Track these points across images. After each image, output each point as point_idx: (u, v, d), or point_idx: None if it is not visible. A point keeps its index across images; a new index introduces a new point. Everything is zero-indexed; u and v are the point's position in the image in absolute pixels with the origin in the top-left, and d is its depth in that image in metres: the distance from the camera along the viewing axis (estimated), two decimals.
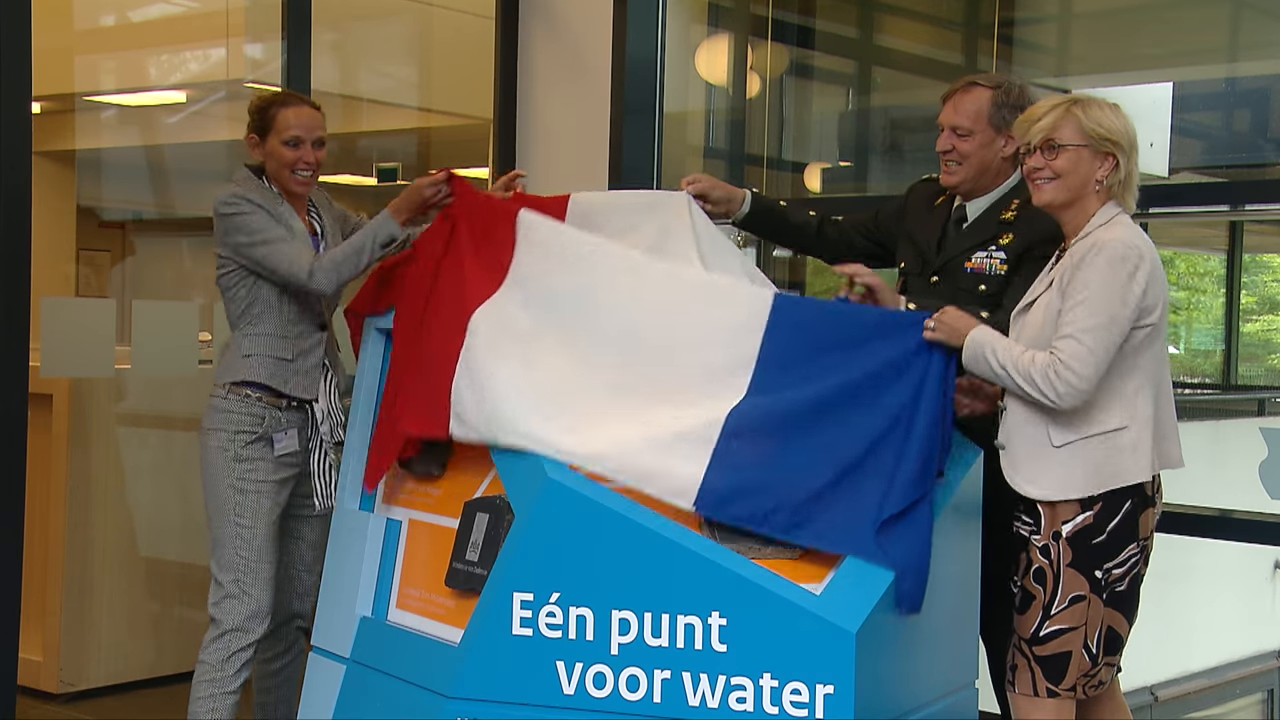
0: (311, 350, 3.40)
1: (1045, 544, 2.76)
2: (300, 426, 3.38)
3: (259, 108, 3.38)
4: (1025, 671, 2.80)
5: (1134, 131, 2.82)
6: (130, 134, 6.53)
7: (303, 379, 3.37)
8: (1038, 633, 2.77)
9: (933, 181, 3.41)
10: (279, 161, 3.33)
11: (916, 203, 3.44)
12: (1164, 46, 5.35)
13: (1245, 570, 6.52)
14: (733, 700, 2.57)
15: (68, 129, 6.26)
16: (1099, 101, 2.83)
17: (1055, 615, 2.75)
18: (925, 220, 3.38)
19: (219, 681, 3.30)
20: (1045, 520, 2.76)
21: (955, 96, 3.27)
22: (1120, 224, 2.78)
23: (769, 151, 5.21)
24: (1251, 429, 3.30)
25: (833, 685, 2.53)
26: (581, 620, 2.65)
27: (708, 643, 2.58)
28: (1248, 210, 5.81)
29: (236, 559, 3.31)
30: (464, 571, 2.81)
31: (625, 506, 2.66)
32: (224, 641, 3.30)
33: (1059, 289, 2.74)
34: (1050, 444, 2.74)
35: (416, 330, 3.07)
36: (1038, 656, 2.77)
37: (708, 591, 2.58)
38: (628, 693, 2.62)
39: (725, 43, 4.96)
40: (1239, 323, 8.87)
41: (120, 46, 5.93)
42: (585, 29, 4.57)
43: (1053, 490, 2.75)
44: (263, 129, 3.35)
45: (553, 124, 4.66)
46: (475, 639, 2.70)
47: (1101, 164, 2.79)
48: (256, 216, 3.26)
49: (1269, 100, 6.14)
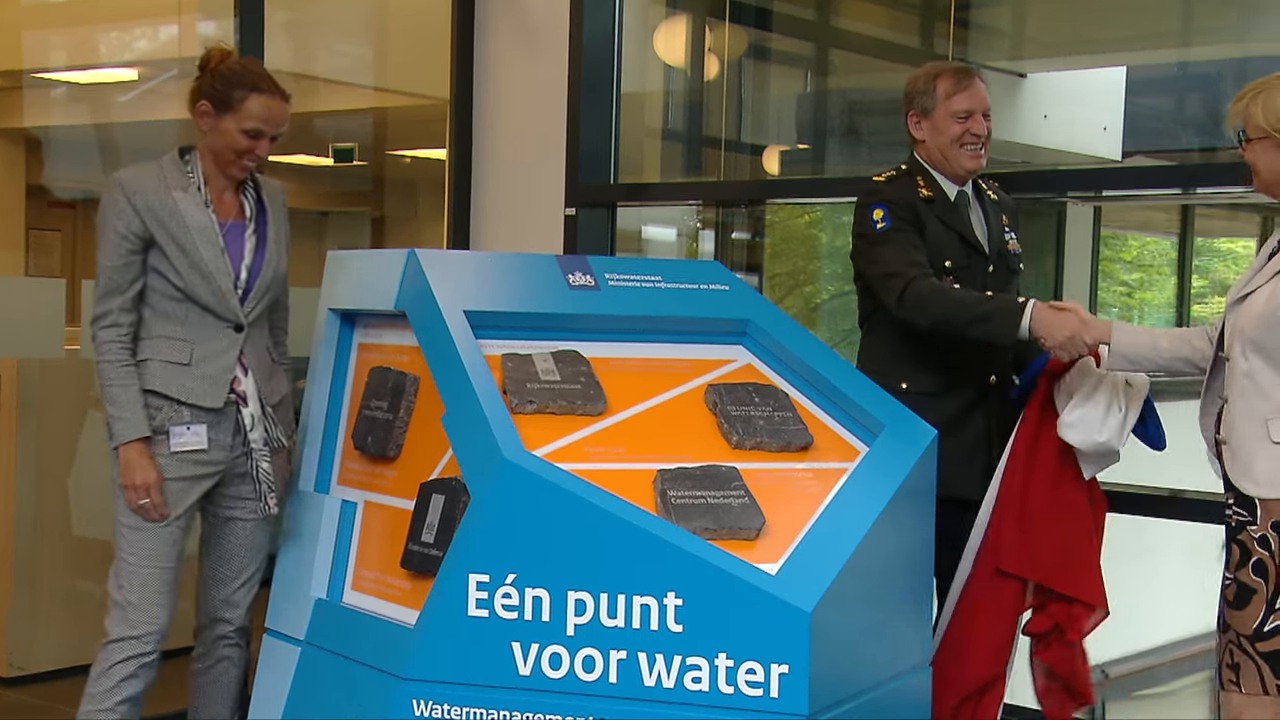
0: (217, 356, 3.11)
1: (1264, 534, 2.65)
2: (221, 426, 3.11)
3: (227, 78, 3.09)
4: (1251, 670, 2.65)
5: None
6: (81, 112, 6.46)
7: (205, 385, 3.09)
8: (1261, 628, 2.63)
9: (898, 179, 3.38)
10: (229, 145, 3.09)
11: (913, 199, 3.34)
12: (1118, 30, 5.40)
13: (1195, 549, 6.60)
14: (688, 680, 2.58)
15: (16, 106, 6.21)
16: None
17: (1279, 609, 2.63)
18: (941, 212, 3.34)
19: (96, 696, 3.04)
20: (1263, 513, 2.65)
21: (974, 83, 3.30)
22: None
23: (727, 134, 5.20)
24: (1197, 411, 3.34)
25: (788, 665, 2.54)
26: (537, 601, 2.65)
27: (663, 623, 2.59)
28: (1199, 194, 5.86)
29: (123, 565, 3.06)
30: (419, 553, 2.82)
31: (581, 488, 2.66)
32: (105, 652, 3.05)
33: None
34: (1270, 439, 2.65)
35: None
36: (1262, 653, 2.63)
37: (663, 572, 2.58)
38: (584, 673, 2.63)
39: (683, 24, 4.96)
40: (1189, 307, 8.97)
41: (70, 23, 5.87)
42: (542, 8, 4.56)
43: (1269, 486, 2.64)
44: (223, 104, 3.08)
45: (509, 104, 4.64)
46: (430, 621, 2.70)
47: None
48: (108, 239, 3.02)
49: (1220, 84, 6.19)
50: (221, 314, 3.09)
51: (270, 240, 3.20)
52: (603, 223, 4.55)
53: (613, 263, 3.29)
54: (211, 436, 3.11)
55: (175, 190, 3.08)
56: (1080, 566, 3.12)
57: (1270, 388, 2.64)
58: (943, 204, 3.32)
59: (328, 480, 3.18)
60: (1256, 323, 2.65)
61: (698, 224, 4.99)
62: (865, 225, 3.33)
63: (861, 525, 2.74)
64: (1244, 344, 2.67)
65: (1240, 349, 2.68)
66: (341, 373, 3.26)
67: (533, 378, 2.98)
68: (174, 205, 3.06)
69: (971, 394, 3.36)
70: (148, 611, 3.05)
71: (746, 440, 2.96)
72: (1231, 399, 2.70)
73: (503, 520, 2.66)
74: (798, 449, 2.99)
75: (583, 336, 3.11)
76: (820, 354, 3.21)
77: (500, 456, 2.67)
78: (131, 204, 3.04)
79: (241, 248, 3.15)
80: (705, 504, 2.76)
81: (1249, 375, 2.67)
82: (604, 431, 2.93)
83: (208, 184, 3.13)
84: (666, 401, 3.07)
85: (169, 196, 3.06)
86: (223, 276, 3.08)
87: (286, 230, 3.29)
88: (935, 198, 3.32)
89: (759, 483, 2.85)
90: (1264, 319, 2.64)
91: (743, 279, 3.45)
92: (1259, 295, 2.68)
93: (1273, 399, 2.64)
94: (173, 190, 3.08)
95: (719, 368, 3.20)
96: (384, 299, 3.08)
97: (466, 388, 2.81)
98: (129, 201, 3.04)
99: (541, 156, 4.54)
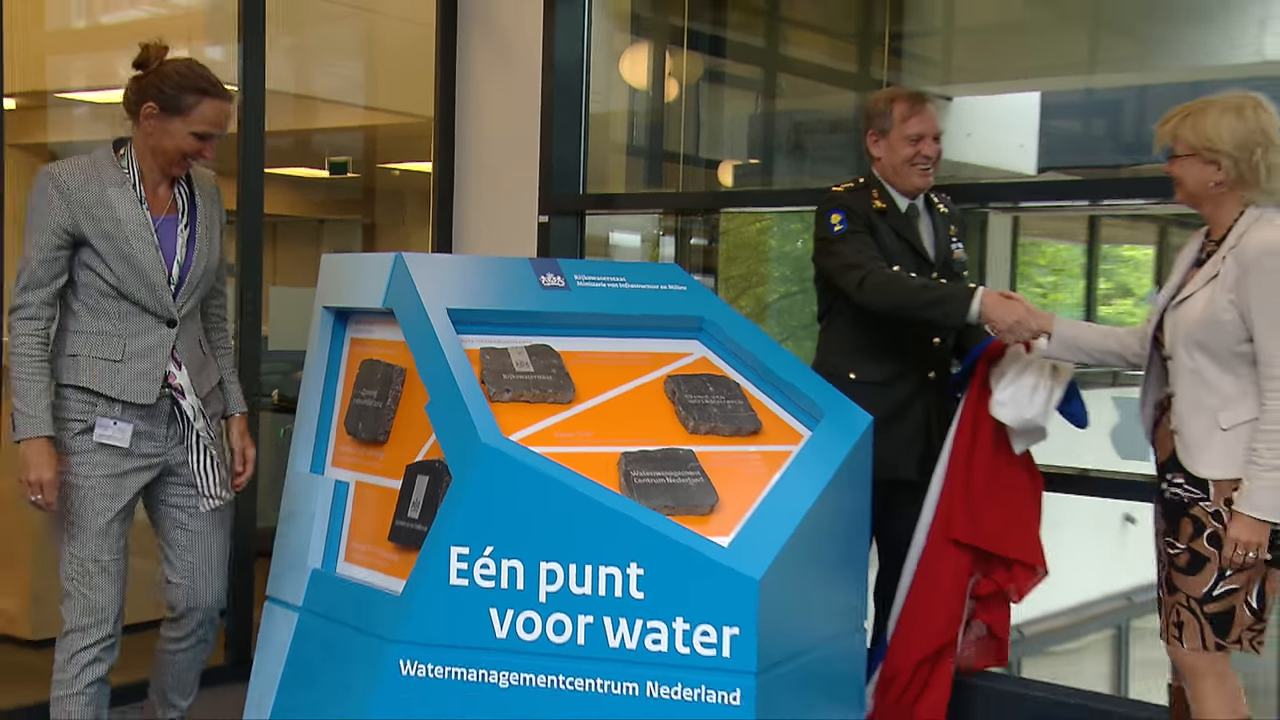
0: (150, 352, 2.87)
1: (1217, 509, 2.65)
2: (155, 420, 2.90)
3: (176, 82, 2.81)
4: (1194, 627, 2.67)
5: (1262, 134, 2.65)
6: (99, 128, 6.39)
7: (138, 382, 2.85)
8: (1211, 592, 2.64)
9: (854, 190, 3.37)
10: (178, 148, 2.82)
11: (866, 209, 3.34)
12: (1033, 60, 5.42)
13: (1100, 522, 6.66)
14: (649, 642, 2.58)
15: (41, 123, 6.14)
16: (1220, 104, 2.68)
17: (1230, 576, 2.63)
18: (892, 223, 3.33)
19: (63, 683, 2.88)
20: (1215, 491, 2.65)
21: (926, 109, 3.29)
22: (1266, 223, 2.65)
23: (685, 149, 5.19)
24: (1106, 398, 3.36)
25: (738, 627, 2.55)
26: (512, 571, 2.64)
27: (626, 591, 2.59)
28: (1104, 205, 5.90)
29: (69, 555, 2.86)
30: (406, 528, 2.80)
31: (552, 469, 2.65)
32: (65, 641, 2.89)
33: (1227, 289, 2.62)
34: (1218, 427, 2.64)
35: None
36: (1209, 614, 2.65)
37: (627, 545, 2.58)
38: (554, 636, 2.62)
39: (646, 50, 4.94)
40: (1096, 307, 9.03)
41: (89, 48, 5.80)
42: (518, 35, 4.54)
43: (1220, 469, 2.63)
44: (174, 108, 2.81)
45: (488, 122, 4.62)
46: (416, 589, 2.68)
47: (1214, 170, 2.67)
48: (37, 231, 2.76)
49: (1122, 109, 6.26)
50: (154, 309, 2.87)
51: (200, 234, 2.95)
52: (573, 229, 4.54)
53: (581, 265, 3.28)
54: (145, 430, 2.89)
55: (110, 186, 2.83)
56: (1021, 532, 3.14)
57: (1217, 382, 2.64)
58: (894, 215, 3.33)
59: (323, 462, 3.15)
60: (1198, 326, 2.65)
61: (659, 231, 4.98)
62: (824, 229, 3.34)
63: (805, 502, 2.74)
64: (1188, 345, 2.67)
65: (1185, 349, 2.68)
66: (335, 365, 3.22)
67: (508, 369, 2.96)
68: (109, 200, 2.81)
69: (914, 386, 3.37)
70: (98, 602, 2.89)
71: (702, 426, 2.95)
72: (1179, 393, 2.70)
73: (481, 498, 2.65)
74: (748, 433, 2.98)
75: (554, 332, 3.09)
76: (769, 348, 3.21)
77: (479, 441, 2.66)
78: (64, 198, 2.79)
79: (174, 243, 2.91)
80: (664, 483, 2.76)
81: (1196, 372, 2.66)
82: (573, 418, 2.92)
83: (143, 180, 2.88)
84: (630, 391, 3.06)
85: (104, 192, 2.81)
86: (156, 272, 2.85)
87: (221, 218, 3.06)
88: (888, 209, 3.33)
89: (713, 464, 2.85)
90: (1205, 322, 2.64)
91: (699, 280, 3.45)
92: (1196, 300, 2.68)
93: (1220, 392, 2.64)
94: (107, 186, 2.82)
95: (677, 360, 3.20)
96: (374, 298, 3.04)
97: (448, 378, 2.79)
98: (61, 196, 2.78)
99: (517, 169, 4.52)
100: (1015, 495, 3.20)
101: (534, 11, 4.48)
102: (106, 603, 2.90)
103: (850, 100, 5.54)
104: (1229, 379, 2.63)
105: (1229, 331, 2.61)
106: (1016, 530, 3.15)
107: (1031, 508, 3.23)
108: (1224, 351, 2.62)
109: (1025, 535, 3.15)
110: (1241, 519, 2.57)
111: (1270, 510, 2.56)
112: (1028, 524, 3.18)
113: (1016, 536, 3.13)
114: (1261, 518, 2.55)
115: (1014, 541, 3.13)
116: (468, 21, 4.65)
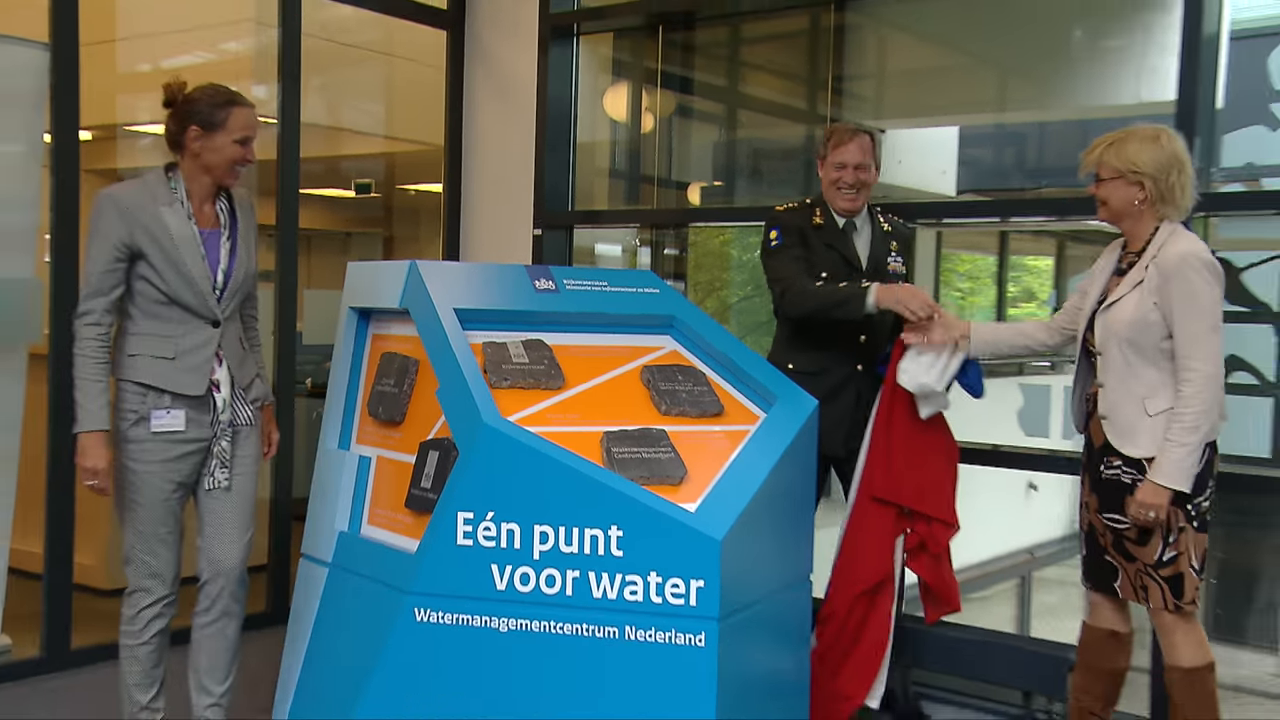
0: (198, 349, 2.85)
1: None
2: (201, 409, 2.87)
3: (207, 102, 2.77)
4: (1156, 590, 2.64)
5: (1173, 159, 2.64)
6: (159, 156, 6.30)
7: (188, 376, 2.83)
8: (1161, 558, 2.61)
9: (795, 210, 3.35)
10: (227, 159, 2.79)
11: (802, 223, 3.31)
12: (952, 99, 5.43)
13: (1008, 489, 6.70)
14: (627, 593, 2.57)
15: (111, 152, 6.09)
16: (1139, 134, 2.66)
17: (1172, 542, 2.60)
18: (827, 237, 3.29)
19: (131, 634, 2.90)
20: (1149, 471, 2.61)
21: (855, 140, 3.22)
22: (1179, 237, 2.63)
23: (659, 173, 5.17)
24: (1013, 385, 3.36)
25: (703, 580, 2.54)
26: (510, 533, 2.62)
27: (608, 549, 2.58)
28: (1012, 222, 5.91)
29: (133, 527, 2.83)
30: (419, 496, 2.78)
31: (544, 445, 2.64)
32: (131, 600, 2.89)
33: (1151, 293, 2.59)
34: (1146, 414, 2.61)
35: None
36: (1164, 577, 2.62)
37: (608, 510, 2.57)
38: (546, 588, 2.61)
39: (625, 88, 4.91)
40: (1006, 309, 9.06)
41: (154, 87, 5.72)
42: (516, 76, 4.51)
43: (1149, 449, 2.60)
44: (213, 124, 2.77)
45: (490, 150, 4.59)
46: (428, 548, 2.67)
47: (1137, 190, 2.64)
48: (98, 246, 2.71)
49: (1027, 141, 6.31)
50: (201, 313, 2.85)
51: (240, 245, 2.94)
52: (562, 241, 4.51)
53: (570, 271, 3.26)
54: (193, 418, 2.86)
55: (162, 205, 2.80)
56: (935, 491, 3.11)
57: (1144, 373, 2.63)
58: (830, 229, 3.32)
59: (349, 440, 3.12)
60: (1129, 326, 2.62)
61: (636, 242, 4.95)
62: (764, 243, 3.34)
63: (760, 474, 2.74)
64: (1120, 343, 2.64)
65: (1116, 347, 2.65)
66: (359, 356, 3.20)
67: (507, 360, 2.94)
68: (161, 218, 2.78)
69: (842, 376, 3.36)
70: (159, 567, 2.88)
71: (672, 409, 2.94)
72: (1110, 384, 2.67)
73: (484, 470, 2.63)
74: (712, 415, 2.97)
75: (546, 328, 3.07)
76: (730, 343, 3.20)
77: (482, 421, 2.64)
78: (122, 217, 2.76)
79: (219, 253, 2.89)
80: (640, 458, 2.75)
81: (1126, 366, 2.64)
82: (562, 402, 2.90)
83: (190, 198, 2.86)
84: (611, 379, 3.04)
85: (157, 210, 2.79)
86: (203, 280, 2.84)
87: (254, 231, 3.02)
88: (825, 225, 3.32)
89: (682, 441, 2.84)
90: (1135, 323, 2.61)
91: (671, 285, 3.43)
92: (1126, 304, 2.65)
93: (1146, 382, 2.62)
94: (160, 205, 2.80)
95: (651, 353, 3.18)
96: (392, 299, 3.02)
97: (455, 368, 2.77)
98: (119, 214, 2.75)
99: (515, 189, 4.49)
100: (932, 460, 3.17)
101: (529, 56, 4.46)
102: (165, 567, 2.90)
103: (800, 132, 5.54)
104: (1153, 371, 2.61)
105: (1154, 330, 2.60)
106: (932, 490, 3.12)
107: (946, 471, 3.20)
108: (1150, 348, 2.60)
109: (939, 495, 3.12)
110: (1147, 484, 2.57)
111: (1170, 478, 2.55)
112: (942, 485, 3.15)
113: (932, 496, 3.10)
114: (1162, 483, 2.54)
115: (930, 500, 3.11)
116: (473, 64, 4.63)
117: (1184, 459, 2.54)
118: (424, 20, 4.53)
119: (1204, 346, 2.54)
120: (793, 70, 5.33)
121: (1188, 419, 2.54)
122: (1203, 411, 2.53)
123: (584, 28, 4.52)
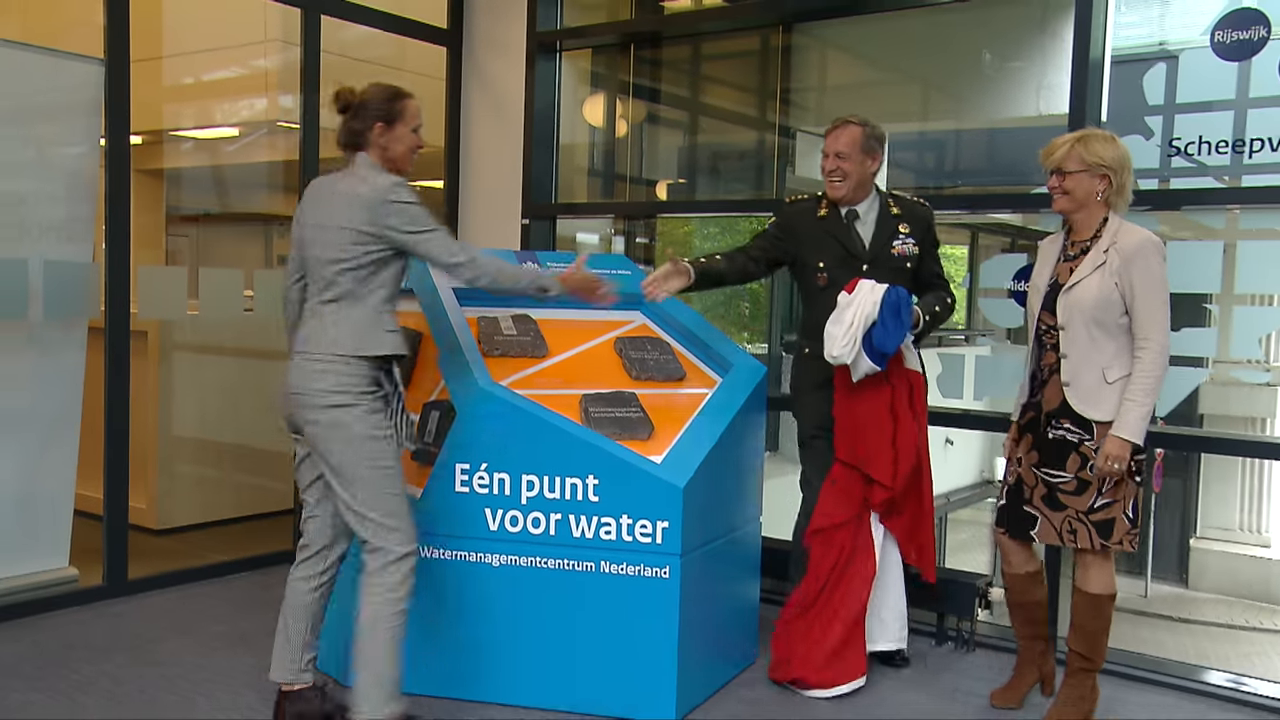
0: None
1: (1098, 445, 2.54)
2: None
3: (381, 99, 2.46)
4: (1085, 533, 2.58)
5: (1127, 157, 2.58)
6: (201, 157, 6.23)
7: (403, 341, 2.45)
8: (1093, 505, 2.56)
9: (801, 202, 3.06)
10: (406, 145, 2.46)
11: (801, 219, 3.02)
12: (883, 108, 5.39)
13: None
14: (602, 533, 2.55)
15: (158, 154, 6.00)
16: (1099, 135, 2.59)
17: (1105, 493, 2.55)
18: (830, 226, 2.99)
19: (394, 601, 2.35)
20: (1098, 431, 2.55)
21: (835, 131, 2.93)
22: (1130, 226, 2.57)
23: (631, 172, 5.10)
24: (932, 355, 3.31)
25: (668, 521, 2.53)
26: (502, 481, 2.59)
27: (585, 495, 2.55)
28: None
29: (387, 496, 2.35)
30: (423, 450, 2.73)
31: (531, 406, 2.60)
32: (399, 564, 2.35)
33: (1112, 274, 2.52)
34: (1105, 381, 2.54)
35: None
36: (1094, 522, 2.57)
37: (585, 461, 2.54)
38: (533, 529, 2.58)
39: (602, 98, 4.83)
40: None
41: (195, 98, 5.66)
42: (507, 87, 4.44)
43: (1106, 413, 2.54)
44: (393, 117, 2.44)
45: (484, 151, 4.53)
46: (430, 494, 2.64)
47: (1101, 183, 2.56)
48: (418, 209, 2.36)
49: (945, 146, 6.28)
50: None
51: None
52: (547, 230, 4.46)
53: (553, 256, 3.22)
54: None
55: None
56: (874, 454, 2.93)
57: (1105, 346, 2.55)
58: (833, 219, 2.98)
59: None
60: (1094, 305, 2.53)
61: (611, 231, 4.88)
62: None
63: (716, 430, 2.72)
64: (1084, 319, 2.55)
65: (1081, 323, 2.55)
66: None
67: (498, 332, 2.90)
68: None
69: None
70: (412, 529, 2.39)
71: (642, 374, 2.91)
72: (1073, 356, 2.57)
73: (478, 427, 2.60)
74: (676, 380, 2.93)
75: (532, 305, 3.03)
76: (692, 318, 3.18)
77: (477, 385, 2.61)
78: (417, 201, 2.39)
79: None
80: (614, 416, 2.72)
81: (1090, 339, 2.55)
82: (546, 369, 2.87)
83: None
84: (588, 349, 3.01)
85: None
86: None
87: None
88: (829, 215, 2.99)
89: (650, 402, 2.81)
90: (1100, 302, 2.52)
91: (641, 268, 3.37)
92: (1089, 284, 2.55)
93: (1107, 353, 2.55)
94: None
95: (623, 326, 3.15)
96: None
97: (454, 339, 2.73)
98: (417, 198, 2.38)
99: (505, 185, 4.43)
100: (870, 423, 3.00)
101: (518, 71, 4.40)
102: (413, 529, 2.40)
103: (752, 137, 5.48)
104: (1112, 344, 2.54)
105: (1115, 308, 2.53)
106: (873, 451, 2.96)
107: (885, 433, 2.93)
108: (1111, 324, 2.53)
109: (877, 456, 2.96)
110: (1113, 439, 2.51)
111: (1133, 433, 2.50)
112: (880, 446, 2.98)
113: (871, 456, 2.96)
114: (1125, 437, 2.50)
115: (870, 461, 2.96)
116: (469, 77, 4.56)
117: (1143, 418, 2.51)
118: (426, 38, 4.46)
119: (1159, 320, 2.50)
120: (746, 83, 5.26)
121: (1148, 383, 2.50)
122: (1159, 377, 2.50)
123: (566, 45, 4.44)
